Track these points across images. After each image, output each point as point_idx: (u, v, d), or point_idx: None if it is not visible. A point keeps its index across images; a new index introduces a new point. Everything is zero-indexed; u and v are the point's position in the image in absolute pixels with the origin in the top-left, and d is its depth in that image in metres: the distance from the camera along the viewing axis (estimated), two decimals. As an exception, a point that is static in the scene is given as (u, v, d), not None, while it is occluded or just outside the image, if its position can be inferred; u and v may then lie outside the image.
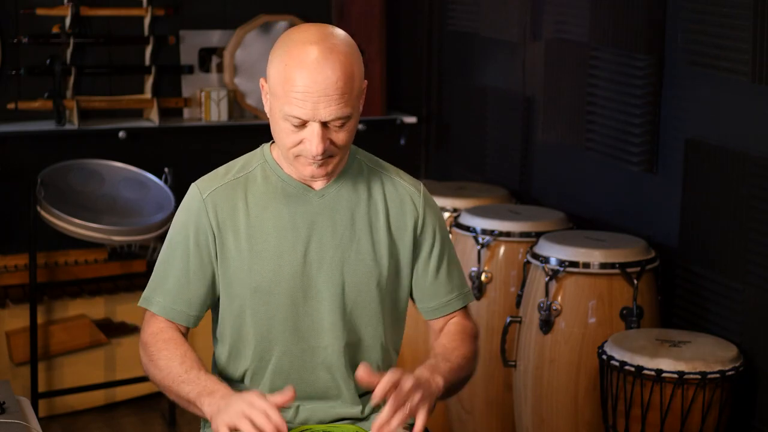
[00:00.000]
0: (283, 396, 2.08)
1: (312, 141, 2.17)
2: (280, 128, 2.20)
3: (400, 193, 2.36)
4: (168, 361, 2.24)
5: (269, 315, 2.29)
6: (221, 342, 2.37)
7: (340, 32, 2.21)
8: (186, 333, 2.33)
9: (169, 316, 2.31)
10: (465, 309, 2.43)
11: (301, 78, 2.13)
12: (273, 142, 2.35)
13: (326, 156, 2.20)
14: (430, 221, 2.37)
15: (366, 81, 2.25)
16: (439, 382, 2.19)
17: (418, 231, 2.35)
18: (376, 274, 2.31)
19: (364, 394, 2.34)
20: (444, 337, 2.37)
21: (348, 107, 2.16)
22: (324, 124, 2.16)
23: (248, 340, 2.31)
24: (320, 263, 2.29)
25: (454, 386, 2.28)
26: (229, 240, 2.29)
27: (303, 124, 2.17)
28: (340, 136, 2.19)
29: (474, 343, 2.38)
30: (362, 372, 2.10)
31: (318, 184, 2.31)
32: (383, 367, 2.35)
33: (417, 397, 2.11)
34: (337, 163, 2.24)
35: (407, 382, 2.10)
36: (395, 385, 2.09)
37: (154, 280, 2.34)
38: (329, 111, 2.15)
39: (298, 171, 2.25)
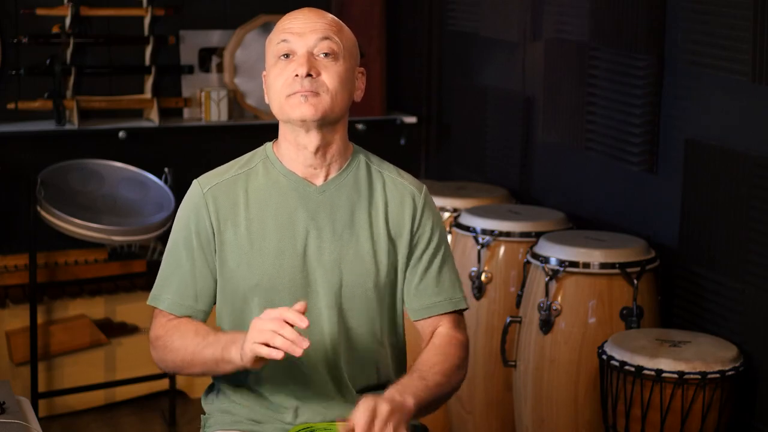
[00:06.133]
0: (299, 306, 2.08)
1: (299, 61, 2.24)
2: (274, 76, 2.27)
3: (401, 191, 2.36)
4: (182, 340, 2.26)
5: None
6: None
7: None
8: None
9: (177, 312, 2.32)
10: (456, 319, 2.38)
11: (291, 19, 2.29)
12: (275, 140, 2.36)
13: (314, 88, 2.23)
14: (428, 222, 2.37)
15: (363, 69, 2.32)
16: (409, 402, 2.15)
17: (415, 229, 2.35)
18: (374, 271, 2.31)
19: (362, 391, 2.33)
20: (428, 350, 2.32)
21: (335, 45, 2.26)
22: (311, 56, 2.24)
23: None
24: (319, 259, 2.29)
25: (430, 404, 2.23)
26: (229, 235, 2.30)
27: (292, 56, 2.25)
28: (328, 72, 2.24)
29: (460, 356, 2.33)
30: (342, 428, 2.08)
31: (319, 180, 2.32)
32: (382, 366, 2.36)
33: (395, 419, 2.08)
34: (327, 108, 2.24)
35: (384, 408, 2.07)
36: (374, 413, 2.06)
37: (161, 277, 2.36)
38: (314, 37, 2.25)
39: (289, 115, 2.25)
